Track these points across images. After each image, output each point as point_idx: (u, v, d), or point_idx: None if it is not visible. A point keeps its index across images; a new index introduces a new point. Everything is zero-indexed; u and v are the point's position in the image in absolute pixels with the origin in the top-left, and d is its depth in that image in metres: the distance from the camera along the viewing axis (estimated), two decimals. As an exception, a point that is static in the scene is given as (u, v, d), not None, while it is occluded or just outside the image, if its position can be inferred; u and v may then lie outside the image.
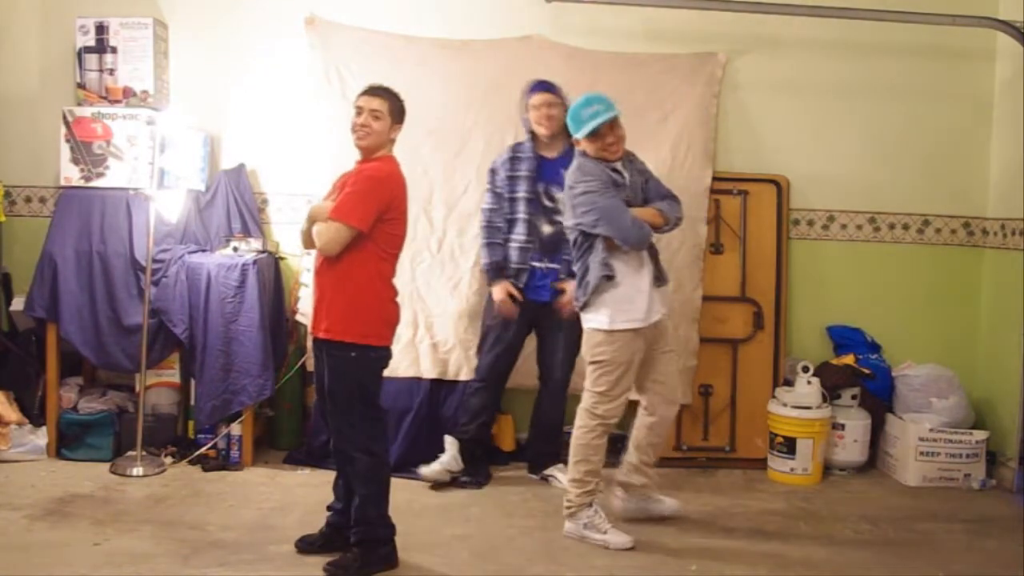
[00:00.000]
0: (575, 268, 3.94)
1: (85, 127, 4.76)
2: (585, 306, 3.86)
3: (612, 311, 3.80)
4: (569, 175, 3.91)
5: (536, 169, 4.45)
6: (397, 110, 3.53)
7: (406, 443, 4.61)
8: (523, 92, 4.49)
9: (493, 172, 4.54)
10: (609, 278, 3.78)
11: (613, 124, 3.83)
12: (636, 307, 3.82)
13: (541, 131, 4.43)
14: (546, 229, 4.45)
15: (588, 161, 3.86)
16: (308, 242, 3.53)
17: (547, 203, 4.44)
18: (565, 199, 3.94)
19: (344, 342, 3.41)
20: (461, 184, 4.91)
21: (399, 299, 3.57)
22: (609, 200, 3.77)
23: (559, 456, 4.59)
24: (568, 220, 3.91)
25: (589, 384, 3.88)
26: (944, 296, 5.26)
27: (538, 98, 4.42)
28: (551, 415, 4.65)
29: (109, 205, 4.73)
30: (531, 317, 4.52)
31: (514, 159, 4.49)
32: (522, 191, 4.45)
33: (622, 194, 3.83)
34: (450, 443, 4.52)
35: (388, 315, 3.53)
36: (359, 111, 3.49)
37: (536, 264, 4.45)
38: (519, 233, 4.45)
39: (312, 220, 3.46)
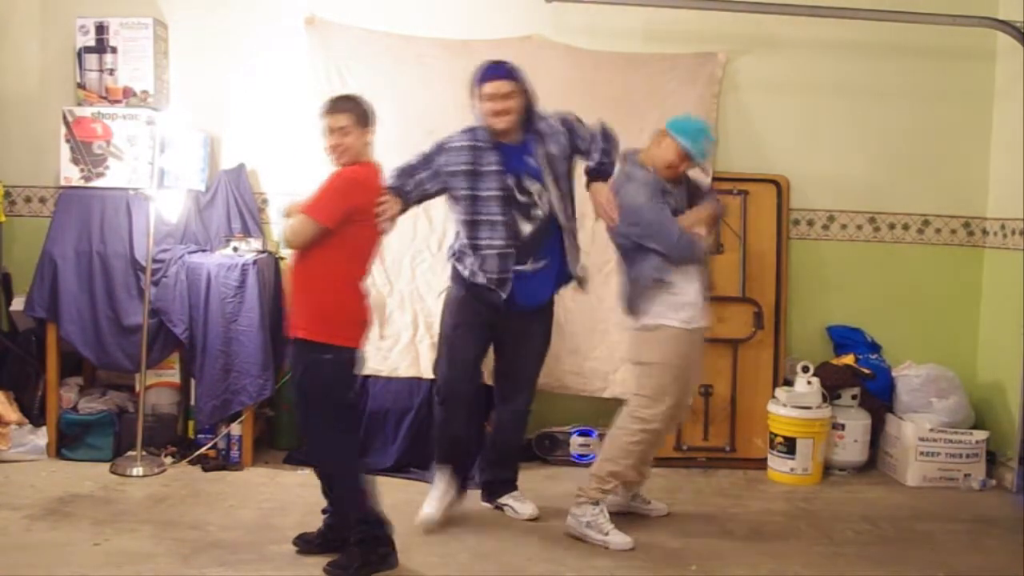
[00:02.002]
0: (623, 274, 3.87)
1: (85, 127, 4.75)
2: (632, 311, 3.86)
3: (660, 310, 3.78)
4: (615, 180, 3.85)
5: (501, 161, 3.79)
6: (362, 116, 3.47)
7: (406, 443, 4.60)
8: (473, 76, 3.79)
9: (439, 148, 3.85)
10: (660, 281, 3.76)
11: (689, 161, 3.83)
12: (684, 312, 3.80)
13: (495, 126, 3.76)
14: (526, 228, 3.81)
15: (638, 169, 3.84)
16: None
17: (521, 197, 3.79)
18: None
19: (312, 342, 3.41)
20: (461, 184, 4.83)
21: (400, 300, 3.56)
22: (656, 214, 3.74)
23: (515, 483, 4.21)
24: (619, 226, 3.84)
25: (635, 387, 3.90)
26: (944, 296, 5.26)
27: (491, 86, 3.73)
28: (511, 439, 4.15)
29: (109, 205, 4.73)
30: (497, 325, 3.94)
31: (475, 149, 3.79)
32: (492, 188, 3.77)
33: (669, 200, 3.81)
34: (439, 471, 4.02)
35: (355, 316, 3.50)
36: (328, 131, 3.45)
37: (522, 268, 3.82)
38: (497, 238, 3.77)
39: (288, 216, 3.49)
